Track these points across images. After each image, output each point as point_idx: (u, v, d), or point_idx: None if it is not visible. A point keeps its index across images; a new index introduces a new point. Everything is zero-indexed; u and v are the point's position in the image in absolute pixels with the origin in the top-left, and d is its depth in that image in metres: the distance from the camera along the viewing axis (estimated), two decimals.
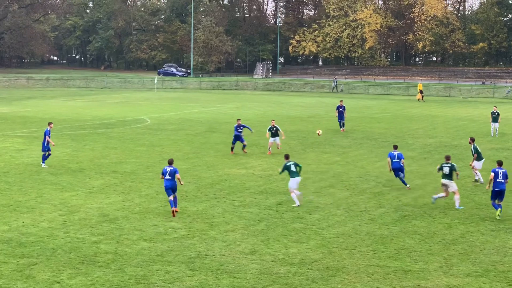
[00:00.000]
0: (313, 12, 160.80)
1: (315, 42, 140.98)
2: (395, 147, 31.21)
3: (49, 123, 36.86)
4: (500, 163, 26.09)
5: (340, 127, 51.24)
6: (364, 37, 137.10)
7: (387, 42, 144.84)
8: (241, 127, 40.27)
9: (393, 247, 21.48)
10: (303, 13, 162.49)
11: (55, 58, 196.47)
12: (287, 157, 28.42)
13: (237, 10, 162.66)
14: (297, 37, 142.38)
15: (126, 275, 18.59)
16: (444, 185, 27.02)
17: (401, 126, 55.35)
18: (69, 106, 73.11)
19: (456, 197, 26.86)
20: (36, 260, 19.62)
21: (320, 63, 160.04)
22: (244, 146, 40.07)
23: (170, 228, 23.17)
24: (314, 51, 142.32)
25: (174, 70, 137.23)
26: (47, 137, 35.02)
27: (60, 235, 22.14)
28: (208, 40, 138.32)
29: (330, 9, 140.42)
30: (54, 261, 19.56)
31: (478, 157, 31.89)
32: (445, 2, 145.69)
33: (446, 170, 26.99)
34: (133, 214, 25.07)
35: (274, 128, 40.72)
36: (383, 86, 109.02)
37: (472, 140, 32.66)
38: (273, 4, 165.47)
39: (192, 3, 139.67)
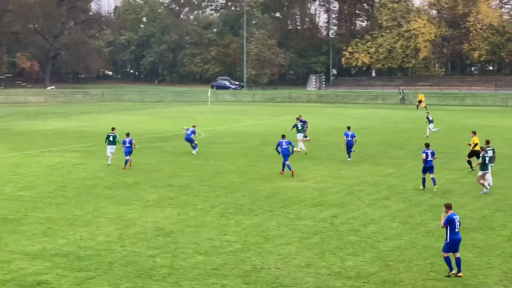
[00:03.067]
0: (365, 23, 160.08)
1: (368, 53, 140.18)
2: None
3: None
4: (427, 145, 33.05)
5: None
6: (418, 48, 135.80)
7: (442, 52, 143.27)
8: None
9: None
10: (356, 24, 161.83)
11: (110, 73, 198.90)
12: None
13: (289, 23, 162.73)
14: (350, 49, 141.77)
15: None
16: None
17: (456, 137, 54.64)
18: (124, 121, 73.88)
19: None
20: (94, 274, 19.81)
21: (373, 74, 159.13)
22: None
23: (226, 242, 23.20)
24: (367, 62, 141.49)
25: (227, 83, 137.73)
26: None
27: (116, 249, 22.33)
28: (260, 53, 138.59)
29: (383, 19, 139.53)
30: (111, 275, 19.72)
31: (483, 165, 31.77)
32: (501, 11, 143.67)
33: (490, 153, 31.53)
34: (188, 227, 25.17)
35: (300, 124, 45.52)
36: (437, 96, 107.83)
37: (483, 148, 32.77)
38: (325, 16, 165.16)
39: (245, 16, 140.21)
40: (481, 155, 32.27)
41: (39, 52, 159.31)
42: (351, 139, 41.20)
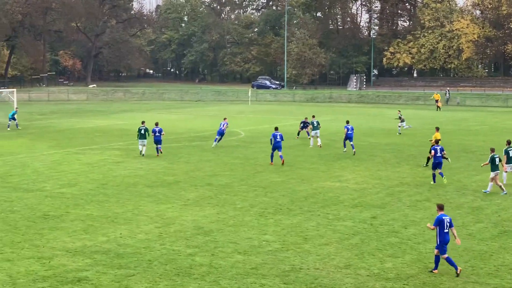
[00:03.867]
0: (407, 23, 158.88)
1: (410, 53, 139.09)
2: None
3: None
4: (437, 141, 35.67)
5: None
6: (460, 48, 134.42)
7: (485, 53, 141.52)
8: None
9: (492, 264, 20.90)
10: (398, 24, 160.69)
11: (151, 71, 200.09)
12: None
13: (330, 22, 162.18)
14: (391, 49, 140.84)
15: None
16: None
17: (499, 139, 53.84)
18: (164, 119, 74.18)
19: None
20: (133, 271, 19.91)
21: (415, 74, 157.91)
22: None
23: (264, 241, 23.16)
24: (409, 62, 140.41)
25: (268, 83, 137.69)
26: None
27: (156, 247, 22.41)
28: (301, 53, 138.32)
29: (426, 20, 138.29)
30: (150, 273, 19.80)
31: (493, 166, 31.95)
32: None
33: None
34: (228, 226, 25.18)
35: (316, 121, 49.33)
36: (480, 97, 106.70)
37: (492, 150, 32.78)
38: (367, 16, 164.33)
39: (286, 15, 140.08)
40: (490, 156, 32.19)
41: (81, 51, 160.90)
42: (351, 132, 44.93)
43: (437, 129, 41.94)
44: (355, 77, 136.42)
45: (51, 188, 32.80)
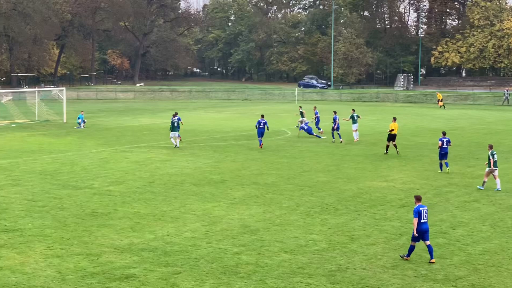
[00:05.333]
0: (456, 22, 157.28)
1: (459, 52, 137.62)
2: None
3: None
4: (444, 133, 37.69)
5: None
6: (511, 47, 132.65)
7: None
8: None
9: None
10: (446, 23, 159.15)
11: (198, 70, 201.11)
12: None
13: (377, 22, 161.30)
14: (439, 48, 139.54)
15: (267, 287, 18.66)
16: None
17: None
18: (211, 118, 74.60)
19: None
20: (180, 269, 20.02)
21: (464, 74, 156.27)
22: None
23: (311, 241, 23.11)
24: (457, 62, 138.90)
25: (315, 82, 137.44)
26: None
27: (202, 245, 22.51)
28: (348, 52, 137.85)
29: (475, 18, 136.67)
30: (197, 271, 19.89)
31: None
32: None
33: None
34: (274, 225, 25.18)
35: (356, 115, 52.01)
36: None
37: (490, 147, 33.31)
38: (415, 14, 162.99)
39: (333, 15, 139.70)
40: (489, 152, 32.61)
41: (129, 50, 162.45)
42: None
43: (394, 119, 45.44)
44: (402, 77, 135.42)
45: (99, 185, 33.14)
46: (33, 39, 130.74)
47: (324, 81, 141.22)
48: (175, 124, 46.62)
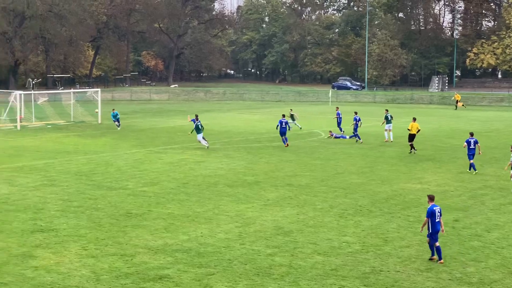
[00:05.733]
0: (492, 23, 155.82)
1: (494, 54, 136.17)
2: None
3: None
4: (472, 134, 38.12)
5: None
6: None
7: None
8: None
9: None
10: (482, 24, 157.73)
11: (232, 72, 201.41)
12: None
13: (412, 23, 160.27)
14: (475, 50, 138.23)
15: None
16: None
17: None
18: (245, 119, 74.70)
19: None
20: (213, 270, 20.08)
21: (499, 76, 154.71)
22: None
23: (344, 243, 23.06)
24: (493, 63, 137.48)
25: (348, 84, 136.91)
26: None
27: (236, 247, 22.55)
28: (382, 54, 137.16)
29: (511, 20, 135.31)
30: (230, 272, 19.94)
31: None
32: None
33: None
34: (308, 227, 25.16)
35: (390, 115, 52.44)
36: None
37: None
38: (450, 16, 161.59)
39: (367, 16, 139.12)
40: None
41: (164, 51, 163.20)
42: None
43: (414, 119, 46.15)
44: (437, 78, 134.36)
45: (134, 186, 33.35)
46: (69, 41, 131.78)
47: (358, 83, 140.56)
48: (200, 127, 47.81)
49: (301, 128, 61.30)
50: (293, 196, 30.94)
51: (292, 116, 61.61)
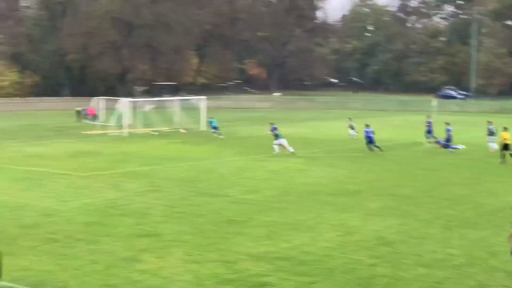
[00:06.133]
0: None
1: None
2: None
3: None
4: None
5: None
6: None
7: None
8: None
9: None
10: None
11: (335, 80, 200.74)
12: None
13: None
14: None
15: None
16: None
17: None
18: (347, 128, 74.18)
19: None
20: (315, 279, 19.94)
21: None
22: None
23: (449, 255, 22.53)
24: None
25: (454, 93, 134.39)
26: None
27: (337, 256, 22.35)
28: (490, 63, 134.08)
29: None
30: (332, 281, 19.76)
31: None
32: None
33: None
34: (411, 238, 24.71)
35: (492, 127, 52.19)
36: None
37: None
38: None
39: (474, 24, 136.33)
40: None
41: (267, 59, 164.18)
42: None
43: (505, 129, 46.65)
44: None
45: (236, 194, 33.55)
46: (175, 49, 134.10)
47: (464, 92, 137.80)
48: (277, 132, 50.76)
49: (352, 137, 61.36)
50: (396, 206, 30.50)
51: (351, 126, 61.64)
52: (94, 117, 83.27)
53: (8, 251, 22.20)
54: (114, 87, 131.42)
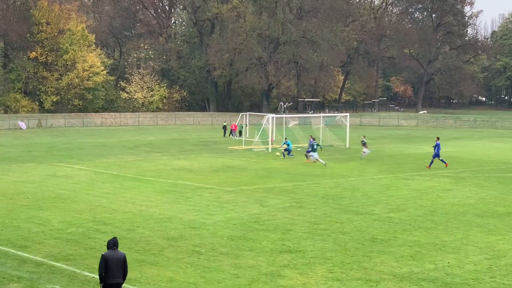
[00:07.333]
0: None
1: None
2: None
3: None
4: None
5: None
6: None
7: None
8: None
9: None
10: None
11: (483, 99, 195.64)
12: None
13: None
14: None
15: None
16: None
17: None
18: (496, 148, 72.06)
19: None
20: None
21: None
22: None
23: None
24: None
25: None
26: None
27: (485, 280, 21.62)
28: None
29: None
30: None
31: None
32: None
33: None
34: None
35: None
36: None
37: None
38: None
39: None
40: None
41: (413, 77, 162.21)
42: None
43: None
44: None
45: (380, 212, 33.17)
46: (320, 66, 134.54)
47: None
48: (314, 147, 54.60)
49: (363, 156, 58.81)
50: None
51: (364, 144, 59.96)
52: (236, 132, 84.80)
53: (155, 262, 22.87)
54: (259, 102, 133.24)
